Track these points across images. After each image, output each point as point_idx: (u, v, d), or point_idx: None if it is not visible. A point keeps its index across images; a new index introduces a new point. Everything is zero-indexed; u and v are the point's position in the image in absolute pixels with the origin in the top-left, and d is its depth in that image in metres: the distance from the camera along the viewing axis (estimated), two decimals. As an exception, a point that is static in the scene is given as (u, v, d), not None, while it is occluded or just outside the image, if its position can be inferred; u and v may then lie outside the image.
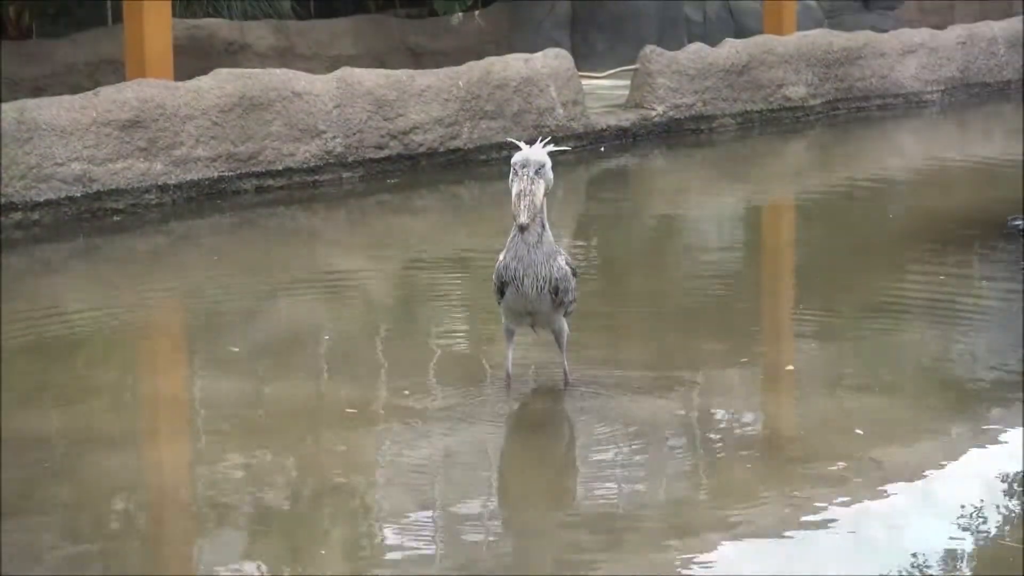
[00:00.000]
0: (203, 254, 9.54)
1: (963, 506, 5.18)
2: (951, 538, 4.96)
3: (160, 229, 10.06)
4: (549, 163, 6.01)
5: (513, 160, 5.96)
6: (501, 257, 6.13)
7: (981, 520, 5.11)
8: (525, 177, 5.90)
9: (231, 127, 10.84)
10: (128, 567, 4.80)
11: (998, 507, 5.23)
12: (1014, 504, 5.30)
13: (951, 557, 4.83)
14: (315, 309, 8.13)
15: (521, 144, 6.12)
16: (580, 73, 13.25)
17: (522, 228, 5.92)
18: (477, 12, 16.48)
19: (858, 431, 5.90)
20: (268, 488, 5.42)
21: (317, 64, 14.61)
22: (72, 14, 14.54)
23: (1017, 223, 9.61)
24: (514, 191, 5.91)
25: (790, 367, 6.96)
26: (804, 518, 5.10)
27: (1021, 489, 5.43)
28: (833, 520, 5.08)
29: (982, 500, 5.24)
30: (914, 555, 4.78)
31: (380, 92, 11.62)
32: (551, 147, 6.10)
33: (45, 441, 5.89)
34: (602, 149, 13.09)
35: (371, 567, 4.80)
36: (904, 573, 4.68)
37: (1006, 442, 5.87)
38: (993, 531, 5.05)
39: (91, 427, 6.12)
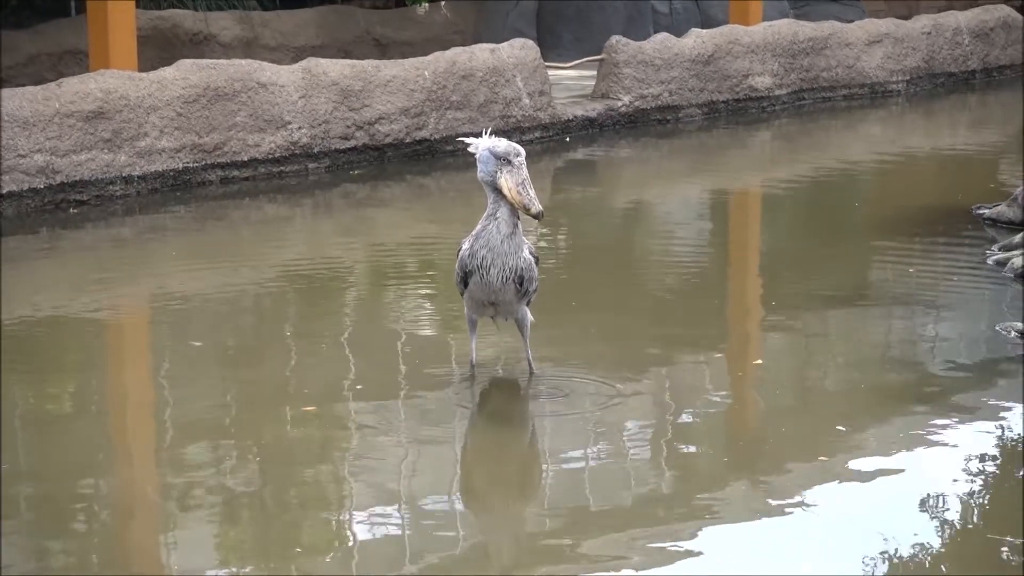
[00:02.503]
0: (168, 245, 9.49)
1: (945, 499, 5.20)
2: (936, 531, 4.97)
3: (125, 220, 10.00)
4: None
5: (501, 151, 5.88)
6: (466, 246, 6.09)
7: (966, 512, 5.13)
8: (524, 167, 5.88)
9: (196, 118, 10.78)
10: (93, 565, 4.77)
11: (984, 500, 5.25)
12: (1000, 496, 5.30)
13: (936, 551, 4.84)
14: (280, 301, 8.10)
15: (470, 140, 6.09)
16: (546, 64, 13.24)
17: (541, 215, 5.88)
18: (443, 2, 16.43)
19: (839, 428, 5.89)
20: (232, 486, 5.39)
21: (282, 55, 14.57)
22: (34, 5, 14.43)
23: (982, 211, 9.65)
24: (513, 182, 5.84)
25: (758, 361, 6.96)
26: (782, 510, 5.11)
27: (994, 480, 5.45)
28: (813, 515, 5.08)
29: (962, 492, 5.26)
30: (897, 548, 4.79)
31: (346, 83, 11.58)
32: (495, 137, 6.05)
33: (6, 439, 5.85)
34: (568, 139, 13.08)
35: (340, 564, 4.78)
36: (888, 566, 4.69)
37: (984, 433, 5.88)
38: (976, 523, 5.06)
39: (52, 422, 6.09)
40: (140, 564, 4.85)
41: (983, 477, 5.44)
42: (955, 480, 5.35)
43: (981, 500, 5.24)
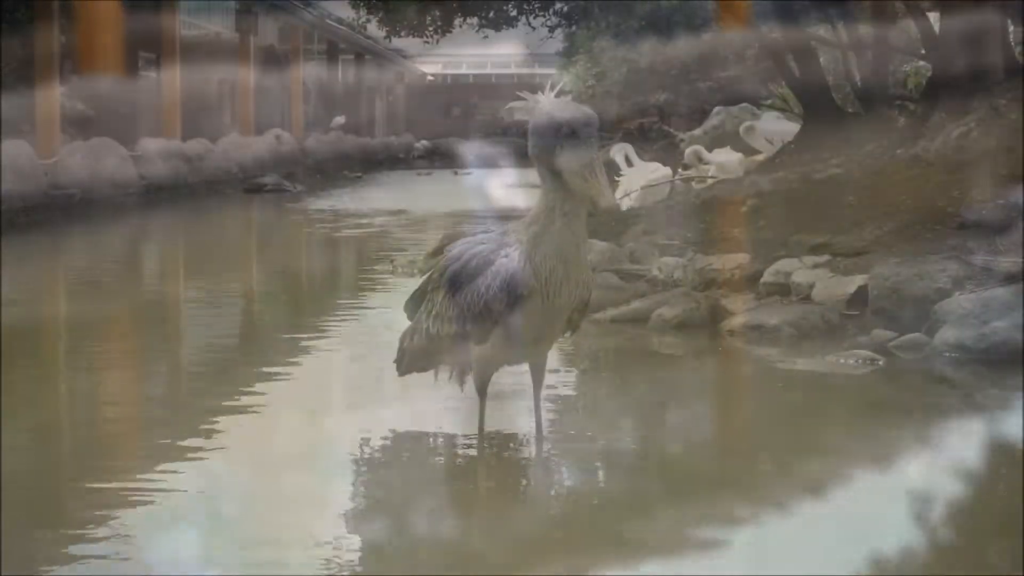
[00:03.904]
0: (155, 246, 9.49)
1: (938, 501, 5.21)
2: (931, 534, 4.98)
3: (112, 222, 10.01)
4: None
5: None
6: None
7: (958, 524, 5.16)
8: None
9: (185, 121, 10.79)
10: (80, 565, 4.77)
11: (979, 501, 5.27)
12: (995, 499, 5.32)
13: (931, 553, 4.85)
14: (267, 303, 8.10)
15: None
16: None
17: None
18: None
19: (832, 432, 5.90)
20: (217, 489, 5.39)
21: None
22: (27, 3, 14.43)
23: (968, 215, 9.67)
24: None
25: (747, 365, 6.97)
26: (774, 515, 5.12)
27: (988, 482, 5.47)
28: (807, 518, 5.09)
29: (956, 496, 5.28)
30: (891, 551, 4.80)
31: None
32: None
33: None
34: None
35: (331, 564, 4.79)
36: (881, 569, 4.69)
37: (975, 435, 5.91)
38: (971, 526, 5.08)
39: (34, 424, 6.09)
40: (127, 564, 4.85)
41: (977, 479, 5.46)
42: (949, 483, 5.37)
43: (976, 502, 5.25)
